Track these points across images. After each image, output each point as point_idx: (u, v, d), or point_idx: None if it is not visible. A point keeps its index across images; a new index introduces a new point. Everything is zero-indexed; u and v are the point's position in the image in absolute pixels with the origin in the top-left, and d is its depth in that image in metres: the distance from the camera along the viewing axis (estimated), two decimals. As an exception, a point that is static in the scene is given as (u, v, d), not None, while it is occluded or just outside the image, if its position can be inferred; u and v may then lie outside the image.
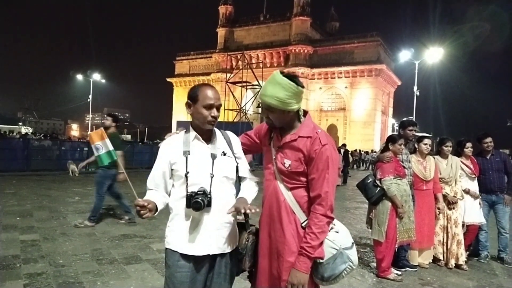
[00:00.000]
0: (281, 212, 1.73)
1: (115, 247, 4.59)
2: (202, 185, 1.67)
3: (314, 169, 1.68)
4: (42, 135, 27.44)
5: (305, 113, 1.83)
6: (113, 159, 2.11)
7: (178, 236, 1.70)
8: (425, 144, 4.38)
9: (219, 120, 1.79)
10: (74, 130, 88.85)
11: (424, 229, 4.25)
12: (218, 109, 1.74)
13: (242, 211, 1.62)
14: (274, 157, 1.80)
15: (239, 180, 1.86)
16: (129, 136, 63.44)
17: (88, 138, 2.71)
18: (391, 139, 4.05)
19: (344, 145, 18.72)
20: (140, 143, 24.13)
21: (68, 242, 4.72)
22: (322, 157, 1.67)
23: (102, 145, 2.09)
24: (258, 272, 1.79)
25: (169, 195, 1.77)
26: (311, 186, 1.70)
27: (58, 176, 12.69)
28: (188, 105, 1.77)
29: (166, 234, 1.76)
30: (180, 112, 55.63)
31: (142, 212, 1.57)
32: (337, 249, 1.68)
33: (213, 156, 1.72)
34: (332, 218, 1.68)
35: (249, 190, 1.86)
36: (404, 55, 29.24)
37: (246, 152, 1.96)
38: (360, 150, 35.14)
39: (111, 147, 2.10)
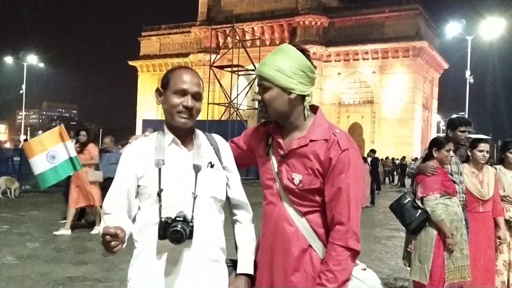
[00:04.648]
0: (290, 247, 1.72)
1: (58, 294, 4.56)
2: (181, 208, 1.63)
3: (331, 184, 1.68)
4: None
5: (315, 108, 1.82)
6: (77, 169, 2.02)
7: (145, 279, 1.68)
8: (481, 150, 4.38)
9: (202, 118, 1.78)
10: (1, 133, 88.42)
11: (479, 264, 4.26)
12: (196, 99, 1.72)
13: None
14: (276, 170, 1.79)
15: (229, 202, 1.85)
16: (77, 141, 63.14)
17: (24, 147, 2.46)
18: (437, 143, 4.07)
19: (372, 151, 18.73)
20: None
21: (-7, 287, 4.69)
22: (341, 167, 1.67)
23: (60, 151, 1.97)
24: None
25: (133, 221, 1.76)
26: (327, 206, 1.70)
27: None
28: (158, 93, 1.78)
29: (129, 277, 1.74)
30: (147, 107, 55.68)
31: (113, 244, 1.49)
32: None
33: (197, 169, 1.71)
34: (357, 252, 1.67)
35: (247, 242, 1.85)
36: (453, 29, 29.49)
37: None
38: (393, 159, 35.28)
39: (73, 153, 2.02)
